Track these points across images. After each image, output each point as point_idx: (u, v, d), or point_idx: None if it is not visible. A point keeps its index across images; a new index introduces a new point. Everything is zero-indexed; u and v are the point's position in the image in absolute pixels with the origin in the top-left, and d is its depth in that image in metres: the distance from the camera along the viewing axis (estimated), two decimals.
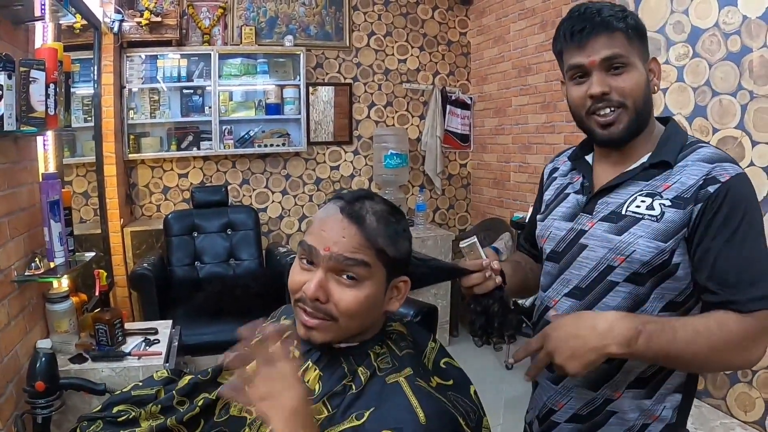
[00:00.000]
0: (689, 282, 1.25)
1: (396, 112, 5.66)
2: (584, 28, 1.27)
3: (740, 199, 1.18)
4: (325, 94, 5.39)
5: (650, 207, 1.25)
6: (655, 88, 1.32)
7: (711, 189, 1.19)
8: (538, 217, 1.54)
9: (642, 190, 1.28)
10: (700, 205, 1.20)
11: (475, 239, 1.38)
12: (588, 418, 1.35)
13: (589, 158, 1.46)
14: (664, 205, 1.23)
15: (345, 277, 1.09)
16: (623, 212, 1.28)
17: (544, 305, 1.45)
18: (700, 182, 1.20)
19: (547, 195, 1.54)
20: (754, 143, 2.55)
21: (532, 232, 1.59)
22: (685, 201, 1.21)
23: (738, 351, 1.17)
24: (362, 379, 1.11)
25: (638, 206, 1.26)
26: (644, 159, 1.31)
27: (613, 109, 1.27)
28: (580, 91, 1.31)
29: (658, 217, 1.23)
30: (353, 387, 1.11)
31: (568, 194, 1.45)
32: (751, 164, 2.56)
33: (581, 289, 1.34)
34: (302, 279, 1.11)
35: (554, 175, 1.56)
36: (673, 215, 1.22)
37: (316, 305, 1.09)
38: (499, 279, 1.34)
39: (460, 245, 1.40)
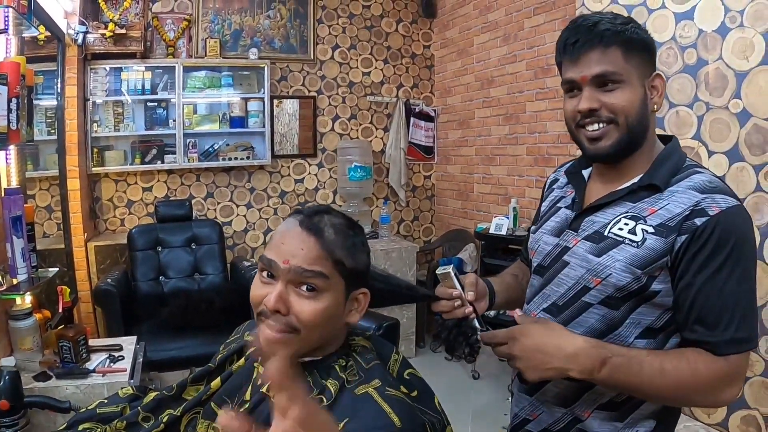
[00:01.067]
0: (668, 309, 1.22)
1: (360, 124, 5.69)
2: (577, 41, 1.23)
3: (728, 235, 1.13)
4: (290, 106, 5.40)
5: (632, 231, 1.21)
6: (655, 106, 1.26)
7: (698, 222, 1.14)
8: (532, 228, 1.52)
9: (627, 212, 1.24)
10: (685, 237, 1.15)
11: (450, 270, 1.36)
12: None
13: (586, 173, 1.42)
14: (646, 231, 1.19)
15: (304, 288, 1.11)
16: (606, 233, 1.25)
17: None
18: (687, 212, 1.16)
19: (544, 206, 1.52)
20: (710, 153, 2.62)
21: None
22: (668, 229, 1.17)
23: (705, 393, 1.16)
24: (332, 391, 1.12)
25: (621, 229, 1.23)
26: (636, 179, 1.27)
27: (602, 124, 1.24)
28: (571, 104, 1.28)
29: (639, 243, 1.19)
30: (324, 400, 1.11)
31: (559, 208, 1.42)
32: None
33: (558, 306, 1.32)
34: (263, 292, 1.13)
35: (553, 187, 1.53)
36: (655, 243, 1.17)
37: (278, 317, 1.10)
38: (469, 309, 1.33)
39: (437, 272, 1.38)
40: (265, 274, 1.15)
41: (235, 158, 5.12)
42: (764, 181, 2.40)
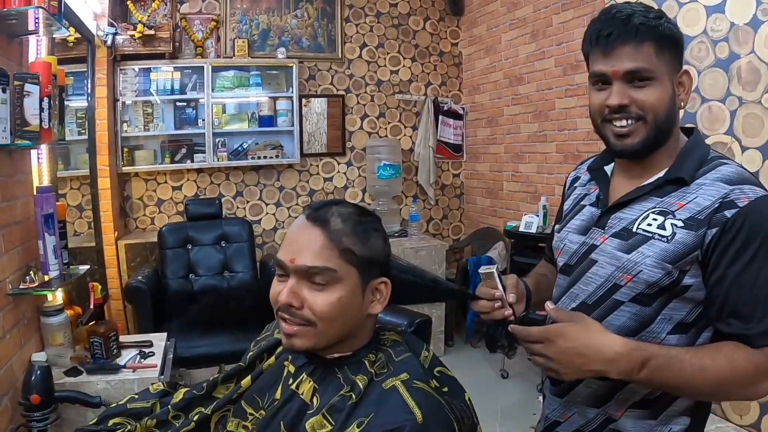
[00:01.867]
0: (700, 303, 1.20)
1: (389, 123, 5.69)
2: (611, 34, 1.19)
3: (759, 226, 1.11)
4: (318, 105, 5.41)
5: (661, 226, 1.19)
6: (682, 103, 1.25)
7: (728, 214, 1.13)
8: (556, 227, 1.50)
9: (655, 208, 1.22)
10: (715, 229, 1.14)
11: (495, 269, 1.35)
12: None
13: (608, 169, 1.40)
14: (675, 225, 1.18)
15: (315, 281, 1.11)
16: (634, 229, 1.23)
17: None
18: (716, 205, 1.14)
19: (567, 205, 1.50)
20: (743, 149, 2.57)
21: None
22: (698, 223, 1.15)
23: (745, 386, 1.13)
24: (361, 386, 1.12)
25: (650, 224, 1.21)
26: (661, 174, 1.25)
27: (630, 121, 1.21)
28: (599, 98, 1.25)
29: (669, 237, 1.17)
30: (353, 396, 1.11)
31: (584, 206, 1.40)
32: None
33: (587, 305, 1.29)
34: (278, 290, 1.14)
35: (575, 185, 1.51)
36: (685, 237, 1.16)
37: (293, 312, 1.12)
38: (509, 311, 1.31)
39: (480, 270, 1.36)
40: (279, 273, 1.16)
41: (264, 157, 5.15)
42: None
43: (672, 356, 1.13)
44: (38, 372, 2.04)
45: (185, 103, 4.89)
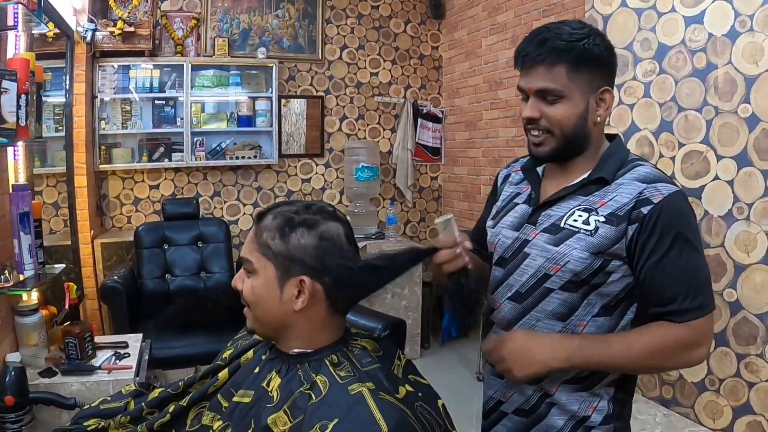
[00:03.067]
0: (621, 289, 1.34)
1: (367, 125, 5.69)
2: (527, 55, 1.33)
3: (673, 218, 1.26)
4: (297, 106, 5.40)
5: (586, 222, 1.32)
6: (598, 118, 1.36)
7: (644, 210, 1.27)
8: (489, 223, 1.60)
9: (580, 205, 1.36)
10: (635, 225, 1.28)
11: (452, 216, 1.45)
12: (531, 412, 1.44)
13: (540, 169, 1.52)
14: (598, 221, 1.31)
15: (246, 269, 1.24)
16: (562, 225, 1.36)
17: (490, 307, 1.54)
18: (633, 202, 1.28)
19: (499, 202, 1.61)
20: (719, 158, 2.61)
21: (481, 234, 1.64)
22: (618, 218, 1.29)
23: (673, 357, 1.30)
24: (321, 388, 1.13)
25: (575, 220, 1.34)
26: (585, 175, 1.38)
27: (540, 132, 1.36)
28: (522, 109, 1.39)
29: (592, 231, 1.31)
30: (313, 396, 1.12)
31: (516, 204, 1.52)
32: (716, 178, 2.61)
33: (521, 294, 1.42)
34: None
35: (507, 182, 1.63)
36: (606, 231, 1.30)
37: (241, 296, 1.25)
38: (467, 258, 1.40)
39: (436, 221, 1.46)
40: None
41: (243, 157, 5.13)
42: None
43: (600, 339, 1.32)
44: (12, 373, 2.01)
45: (164, 102, 4.85)
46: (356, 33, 5.54)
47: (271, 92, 5.10)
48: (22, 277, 2.26)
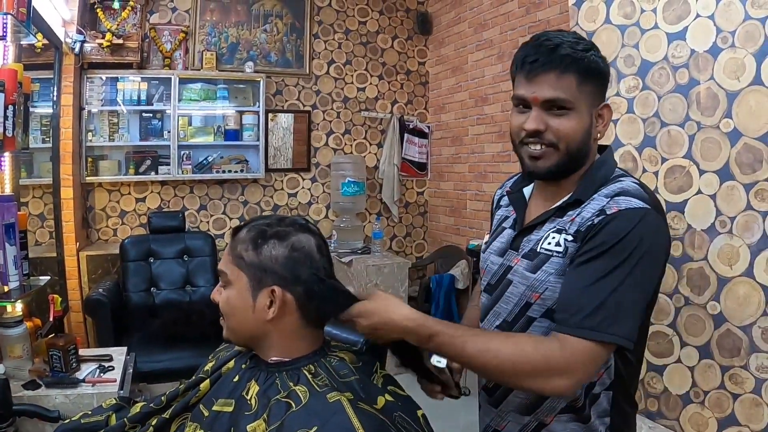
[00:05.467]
0: None
1: (354, 139, 5.71)
2: (536, 61, 1.23)
3: (618, 233, 1.16)
4: (284, 120, 5.42)
5: (558, 243, 1.26)
6: (598, 135, 1.30)
7: (596, 220, 1.19)
8: (483, 247, 1.55)
9: (555, 227, 1.29)
10: (584, 235, 1.21)
11: (445, 362, 1.33)
12: None
13: (527, 191, 1.46)
14: (567, 240, 1.24)
15: (222, 280, 1.27)
16: (538, 249, 1.30)
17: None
18: (594, 215, 1.21)
19: (492, 226, 1.58)
20: (701, 172, 2.63)
21: None
22: (581, 234, 1.22)
23: (532, 375, 1.15)
24: (302, 397, 1.13)
25: (549, 243, 1.27)
26: (567, 196, 1.31)
27: (543, 146, 1.26)
28: (519, 120, 1.29)
29: (563, 252, 1.24)
30: (292, 404, 1.12)
31: (504, 228, 1.47)
32: (699, 192, 2.64)
33: (508, 323, 1.35)
34: None
35: (500, 204, 1.58)
36: (573, 249, 1.22)
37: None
38: (456, 392, 1.43)
39: (433, 362, 1.35)
40: None
41: (229, 171, 5.13)
42: (754, 199, 2.41)
43: (456, 336, 1.19)
44: None
45: (151, 114, 4.85)
46: (343, 48, 5.58)
47: (259, 106, 5.11)
48: (6, 289, 2.24)
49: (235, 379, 1.27)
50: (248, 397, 1.20)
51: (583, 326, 1.13)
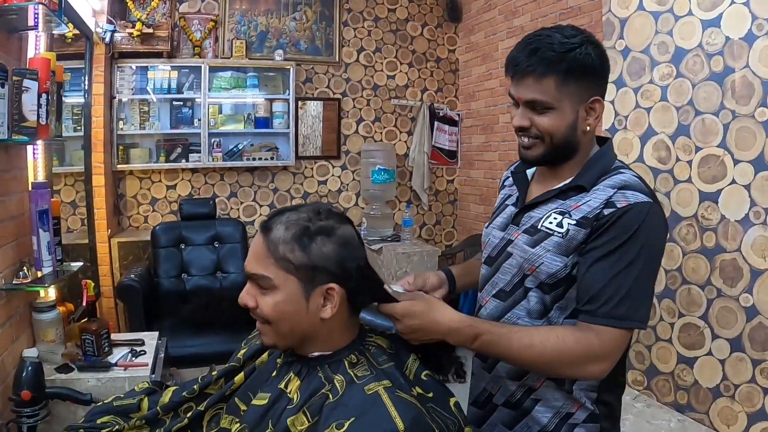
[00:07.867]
0: None
1: (384, 127, 5.70)
2: (518, 65, 1.33)
3: (629, 226, 1.25)
4: (314, 108, 5.42)
5: (559, 224, 1.34)
6: (588, 127, 1.37)
7: (606, 212, 1.28)
8: (486, 223, 1.65)
9: (557, 208, 1.38)
10: (594, 224, 1.29)
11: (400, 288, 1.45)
12: (517, 405, 1.45)
13: (530, 172, 1.56)
14: (570, 223, 1.32)
15: (260, 285, 1.19)
16: (539, 227, 1.38)
17: (478, 304, 1.56)
18: (601, 206, 1.29)
19: (497, 203, 1.66)
20: (735, 162, 2.59)
21: None
22: (587, 221, 1.30)
23: (572, 365, 1.26)
24: (339, 388, 1.14)
25: (551, 222, 1.36)
26: (568, 181, 1.40)
27: (530, 139, 1.38)
28: (513, 114, 1.41)
29: (564, 234, 1.32)
30: (330, 396, 1.13)
31: (507, 206, 1.57)
32: (733, 182, 2.60)
33: (505, 292, 1.45)
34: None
35: (505, 184, 1.68)
36: (576, 234, 1.31)
37: (254, 312, 1.21)
38: None
39: (394, 287, 1.43)
40: None
41: (259, 158, 5.15)
42: None
43: (501, 334, 1.28)
44: (29, 368, 2.03)
45: (181, 103, 4.88)
46: (373, 36, 5.56)
47: (288, 94, 5.12)
48: (40, 274, 2.29)
49: (273, 374, 1.28)
50: (288, 391, 1.20)
51: (613, 316, 1.23)
